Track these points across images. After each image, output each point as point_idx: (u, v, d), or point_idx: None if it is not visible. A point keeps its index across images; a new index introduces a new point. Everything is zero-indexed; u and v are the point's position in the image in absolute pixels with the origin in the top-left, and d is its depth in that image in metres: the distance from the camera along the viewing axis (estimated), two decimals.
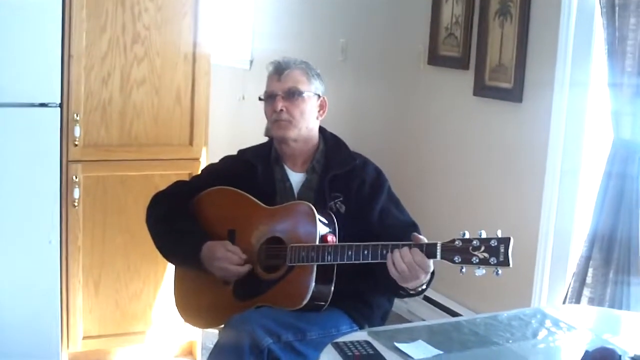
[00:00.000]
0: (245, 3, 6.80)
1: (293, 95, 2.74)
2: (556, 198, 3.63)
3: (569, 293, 3.41)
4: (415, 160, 4.63)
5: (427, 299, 4.40)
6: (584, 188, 3.58)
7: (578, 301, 3.34)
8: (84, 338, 3.66)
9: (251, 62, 6.64)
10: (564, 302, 3.45)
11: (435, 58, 4.41)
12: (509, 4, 3.81)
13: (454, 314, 4.16)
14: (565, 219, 3.63)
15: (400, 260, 2.37)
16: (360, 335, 2.29)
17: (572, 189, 3.60)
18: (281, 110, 2.73)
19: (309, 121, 2.77)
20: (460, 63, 4.19)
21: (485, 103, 4.05)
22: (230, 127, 6.63)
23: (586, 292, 3.33)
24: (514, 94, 3.80)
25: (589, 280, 3.32)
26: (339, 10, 5.40)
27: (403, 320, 4.39)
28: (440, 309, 4.32)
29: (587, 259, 3.33)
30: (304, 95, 2.75)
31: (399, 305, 4.46)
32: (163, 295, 3.75)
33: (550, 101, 3.61)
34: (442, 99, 4.41)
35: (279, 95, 2.75)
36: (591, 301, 3.30)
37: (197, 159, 3.72)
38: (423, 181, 4.56)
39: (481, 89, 4.04)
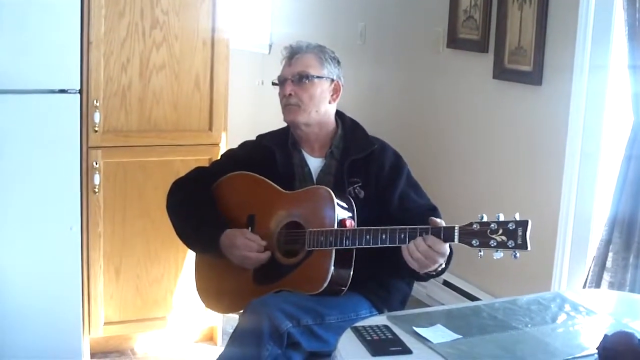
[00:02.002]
0: None
1: (302, 79, 2.74)
2: (576, 181, 3.61)
3: (589, 277, 3.39)
4: (435, 144, 4.62)
5: (446, 284, 4.40)
6: (604, 171, 3.56)
7: (598, 285, 3.33)
8: (105, 324, 3.68)
9: (270, 46, 6.63)
10: (583, 287, 3.44)
11: (454, 41, 4.39)
12: None
13: (473, 298, 4.16)
14: (585, 203, 3.61)
15: (415, 250, 2.37)
16: (379, 319, 2.30)
17: (592, 172, 3.58)
18: (290, 94, 2.74)
19: (319, 105, 2.77)
20: (480, 46, 4.16)
21: (504, 86, 4.03)
22: (250, 112, 6.64)
23: (606, 277, 3.32)
24: (534, 77, 3.78)
25: (609, 264, 3.31)
26: None
27: (422, 304, 4.40)
28: (459, 294, 4.32)
29: (607, 242, 3.31)
30: (313, 79, 2.75)
31: (418, 289, 4.46)
32: (184, 281, 3.77)
33: (570, 84, 3.58)
34: (462, 82, 4.39)
35: (289, 79, 2.76)
36: (611, 285, 3.29)
37: (216, 145, 3.73)
38: (442, 165, 4.55)
39: (501, 72, 4.01)
